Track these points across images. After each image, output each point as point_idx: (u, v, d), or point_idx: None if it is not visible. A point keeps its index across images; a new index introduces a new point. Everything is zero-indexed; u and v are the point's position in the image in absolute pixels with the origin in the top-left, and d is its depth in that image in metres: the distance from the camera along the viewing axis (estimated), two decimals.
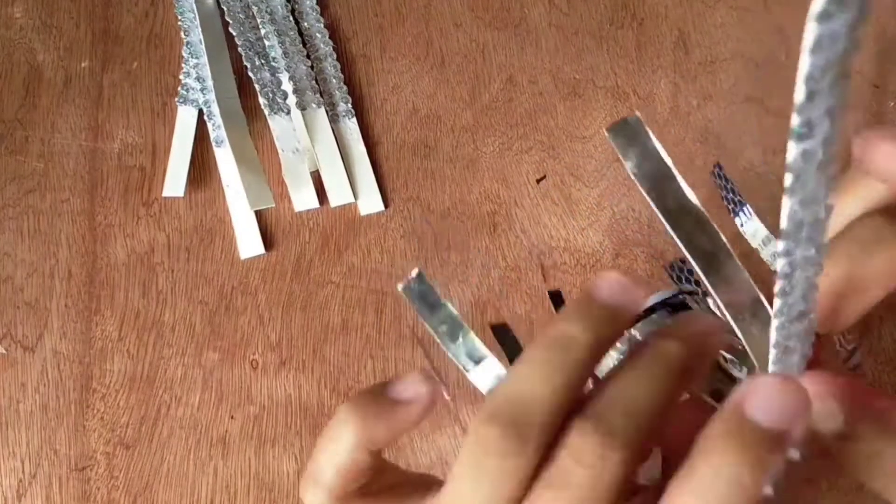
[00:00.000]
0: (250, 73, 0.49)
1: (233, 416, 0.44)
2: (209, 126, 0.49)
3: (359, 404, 0.23)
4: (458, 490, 0.20)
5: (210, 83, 0.48)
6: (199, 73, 0.50)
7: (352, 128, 0.50)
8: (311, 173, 0.48)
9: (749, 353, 0.22)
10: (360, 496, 0.24)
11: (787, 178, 0.15)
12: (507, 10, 0.53)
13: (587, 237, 0.47)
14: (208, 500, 0.42)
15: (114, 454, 0.43)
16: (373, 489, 0.24)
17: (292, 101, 0.49)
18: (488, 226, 0.47)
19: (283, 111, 0.49)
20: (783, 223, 0.15)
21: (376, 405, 0.23)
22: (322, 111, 0.50)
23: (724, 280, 0.22)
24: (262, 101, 0.48)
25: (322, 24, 0.52)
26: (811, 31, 0.12)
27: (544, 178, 0.49)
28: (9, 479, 0.43)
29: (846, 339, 0.22)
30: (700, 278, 0.22)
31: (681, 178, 0.22)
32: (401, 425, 0.23)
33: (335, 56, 0.51)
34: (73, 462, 0.43)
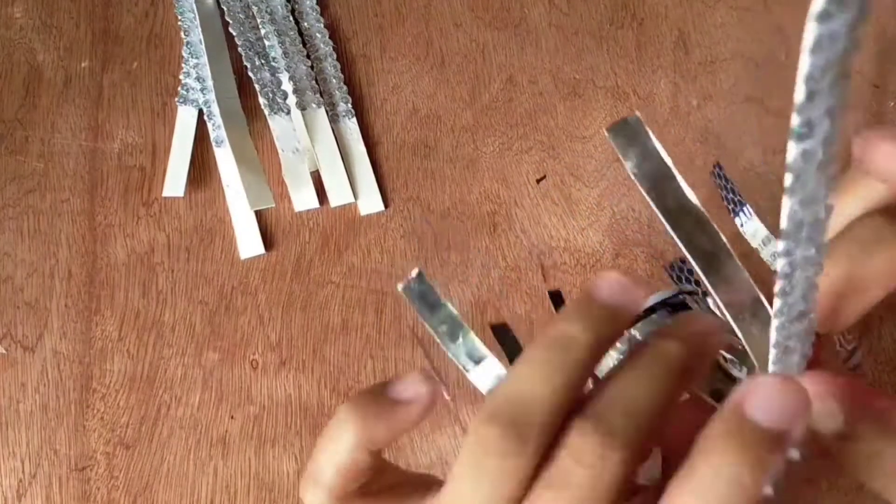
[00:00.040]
0: (250, 73, 0.49)
1: (233, 416, 0.44)
2: (209, 126, 0.49)
3: (359, 404, 0.23)
4: (458, 490, 0.20)
5: (210, 83, 0.48)
6: (199, 73, 0.50)
7: (352, 128, 0.50)
8: (311, 173, 0.48)
9: (749, 353, 0.22)
10: (360, 496, 0.24)
11: (787, 178, 0.15)
12: (507, 10, 0.53)
13: (587, 237, 0.47)
14: (208, 500, 0.42)
15: (114, 454, 0.43)
16: (373, 489, 0.24)
17: (292, 101, 0.49)
18: (488, 226, 0.47)
19: (283, 111, 0.49)
20: (783, 223, 0.15)
21: (376, 405, 0.23)
22: (322, 111, 0.50)
23: (724, 280, 0.22)
24: (262, 101, 0.48)
25: (322, 24, 0.52)
26: (811, 31, 0.12)
27: (544, 178, 0.49)
28: (9, 479, 0.43)
29: (846, 338, 0.22)
30: (700, 278, 0.22)
31: (681, 178, 0.22)
32: (400, 425, 0.23)
33: (335, 56, 0.51)
34: (73, 462, 0.43)
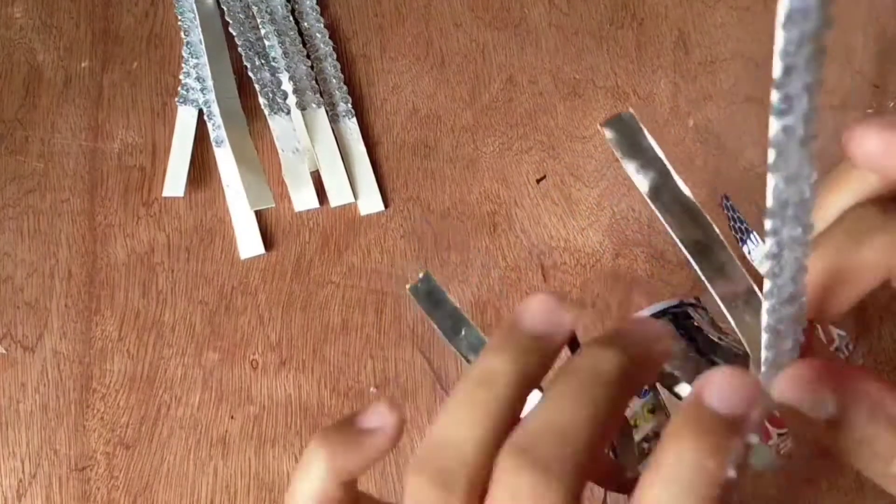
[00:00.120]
0: (250, 73, 0.49)
1: (233, 416, 0.44)
2: (209, 126, 0.49)
3: (328, 435, 0.24)
4: None
5: (210, 83, 0.48)
6: (199, 73, 0.50)
7: (352, 128, 0.50)
8: (311, 173, 0.48)
9: (742, 342, 0.22)
10: None
11: (770, 155, 0.15)
12: (507, 10, 0.53)
13: (587, 237, 0.47)
14: (208, 500, 0.42)
15: (114, 454, 0.43)
16: None
17: (292, 101, 0.49)
18: (488, 226, 0.47)
19: (283, 111, 0.49)
20: (769, 201, 0.16)
21: (344, 435, 0.23)
22: (322, 111, 0.50)
23: (717, 270, 0.22)
24: (262, 101, 0.48)
25: (322, 24, 0.52)
26: (783, 6, 0.13)
27: (544, 178, 0.49)
28: (9, 479, 0.43)
29: (842, 337, 0.22)
30: (694, 267, 0.22)
31: (674, 172, 0.23)
32: (369, 453, 0.23)
33: (335, 56, 0.51)
34: (73, 462, 0.43)
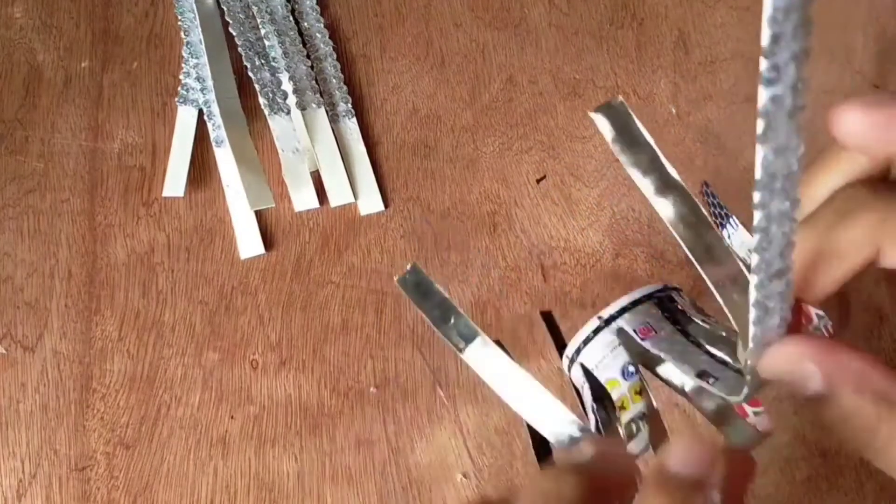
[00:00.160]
0: (250, 73, 0.49)
1: (233, 416, 0.44)
2: (209, 126, 0.49)
3: None
4: None
5: (210, 83, 0.48)
6: (199, 73, 0.50)
7: (352, 128, 0.50)
8: (311, 173, 0.48)
9: (731, 322, 0.22)
10: None
11: (759, 125, 0.15)
12: (507, 10, 0.53)
13: (587, 237, 0.47)
14: (208, 500, 0.42)
15: (114, 454, 0.43)
16: None
17: (292, 101, 0.49)
18: (488, 226, 0.47)
19: (283, 111, 0.49)
20: (757, 173, 0.16)
21: None
22: (322, 111, 0.50)
23: (706, 250, 0.23)
24: (262, 101, 0.48)
25: (322, 24, 0.52)
26: None
27: (544, 178, 0.49)
28: (9, 479, 0.43)
29: (822, 318, 0.22)
30: (683, 247, 0.23)
31: (663, 157, 0.23)
32: None
33: (335, 56, 0.51)
34: (73, 462, 0.43)
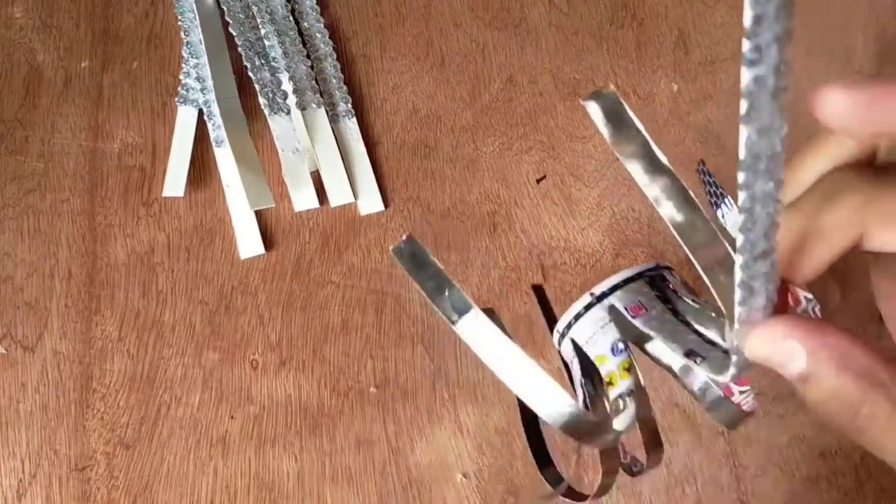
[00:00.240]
0: (250, 73, 0.49)
1: (233, 416, 0.44)
2: (209, 126, 0.49)
3: None
4: None
5: (210, 83, 0.48)
6: (199, 73, 0.50)
7: (352, 128, 0.50)
8: (311, 173, 0.48)
9: (718, 302, 0.22)
10: None
11: (743, 106, 0.15)
12: (507, 10, 0.53)
13: (587, 237, 0.47)
14: (208, 500, 0.42)
15: (114, 454, 0.43)
16: None
17: (292, 101, 0.49)
18: (488, 226, 0.47)
19: (283, 111, 0.49)
20: (741, 154, 0.16)
21: None
22: (322, 111, 0.49)
23: (693, 231, 0.23)
24: (262, 101, 0.48)
25: (322, 24, 0.52)
26: None
27: (544, 178, 0.49)
28: (9, 479, 0.43)
29: (810, 301, 0.23)
30: (671, 230, 0.23)
31: (654, 144, 0.24)
32: None
33: (335, 56, 0.51)
34: (73, 462, 0.43)
